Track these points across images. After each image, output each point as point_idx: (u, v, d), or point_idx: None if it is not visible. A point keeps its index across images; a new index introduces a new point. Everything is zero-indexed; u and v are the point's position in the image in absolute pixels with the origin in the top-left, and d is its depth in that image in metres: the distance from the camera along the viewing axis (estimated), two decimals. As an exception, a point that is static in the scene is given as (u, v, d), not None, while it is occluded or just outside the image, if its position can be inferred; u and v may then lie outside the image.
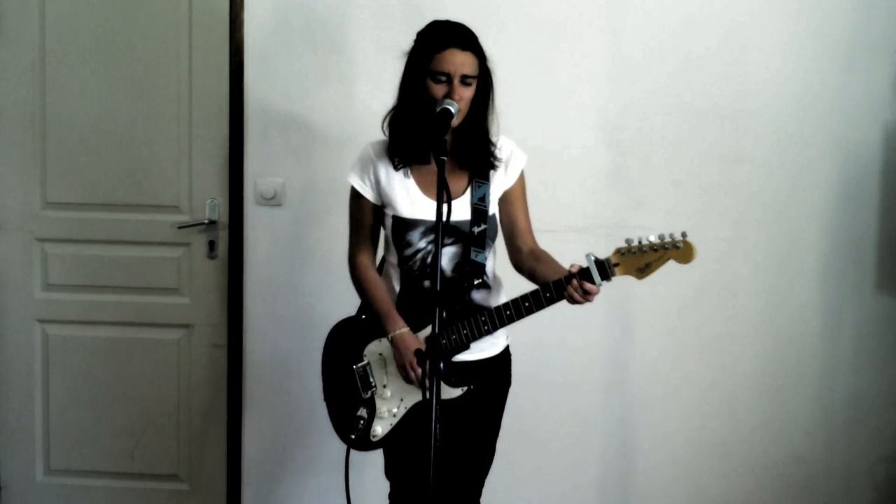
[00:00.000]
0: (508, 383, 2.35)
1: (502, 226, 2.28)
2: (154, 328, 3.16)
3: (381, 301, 2.21)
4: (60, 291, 3.17)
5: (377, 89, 2.78)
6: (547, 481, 3.08)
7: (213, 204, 3.08)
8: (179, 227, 3.08)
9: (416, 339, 2.14)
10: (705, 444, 3.06)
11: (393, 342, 2.15)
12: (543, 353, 2.94)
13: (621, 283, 2.12)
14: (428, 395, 1.85)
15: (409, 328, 2.16)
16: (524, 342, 2.41)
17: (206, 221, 3.08)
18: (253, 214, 3.04)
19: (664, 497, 3.08)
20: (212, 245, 3.10)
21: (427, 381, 1.87)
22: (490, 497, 2.36)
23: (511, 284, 2.28)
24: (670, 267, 2.04)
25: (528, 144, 2.30)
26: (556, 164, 2.94)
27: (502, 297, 2.28)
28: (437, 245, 1.87)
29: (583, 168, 2.97)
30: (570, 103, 2.95)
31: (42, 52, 3.07)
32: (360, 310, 2.32)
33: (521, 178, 2.27)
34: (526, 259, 2.27)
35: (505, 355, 2.33)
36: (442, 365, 2.11)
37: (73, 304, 3.16)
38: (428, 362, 1.89)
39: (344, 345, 2.28)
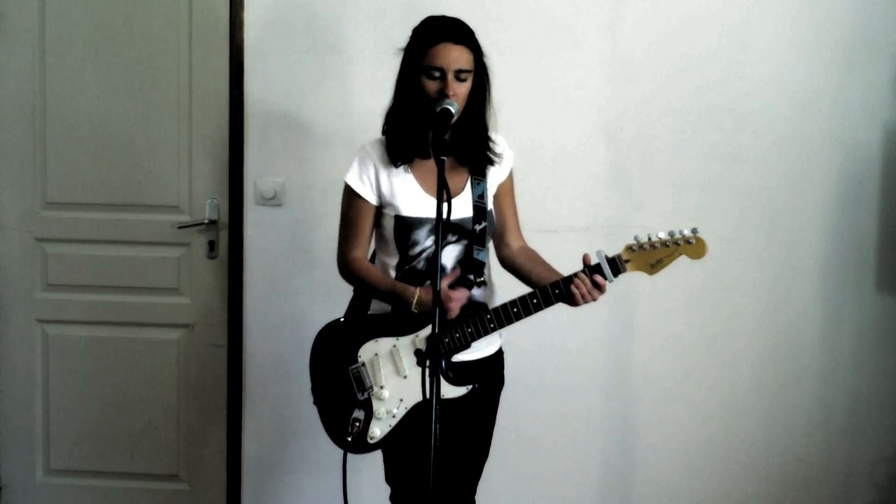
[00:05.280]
0: (502, 384, 2.35)
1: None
2: (154, 328, 3.16)
3: (383, 280, 2.18)
4: (60, 291, 3.17)
5: (377, 89, 2.77)
6: (547, 481, 3.07)
7: (213, 204, 3.08)
8: (179, 227, 3.08)
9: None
10: (705, 444, 3.06)
11: (420, 302, 2.09)
12: (544, 353, 2.94)
13: (622, 282, 2.13)
14: (428, 395, 1.83)
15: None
16: (524, 343, 2.42)
17: (206, 221, 3.08)
18: (253, 214, 3.04)
19: (664, 497, 3.08)
20: (212, 245, 3.09)
21: (428, 381, 1.86)
22: (490, 499, 2.36)
23: (503, 282, 2.29)
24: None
25: (528, 144, 2.31)
26: (556, 163, 2.94)
27: (498, 294, 2.28)
28: (437, 245, 1.86)
29: (583, 168, 2.97)
30: (570, 103, 2.95)
31: (42, 52, 3.07)
32: (348, 313, 2.30)
33: (511, 175, 2.29)
34: (517, 255, 2.29)
35: (499, 356, 2.32)
36: (444, 364, 2.11)
37: (73, 304, 3.16)
38: (428, 362, 1.87)
39: (335, 347, 2.22)
